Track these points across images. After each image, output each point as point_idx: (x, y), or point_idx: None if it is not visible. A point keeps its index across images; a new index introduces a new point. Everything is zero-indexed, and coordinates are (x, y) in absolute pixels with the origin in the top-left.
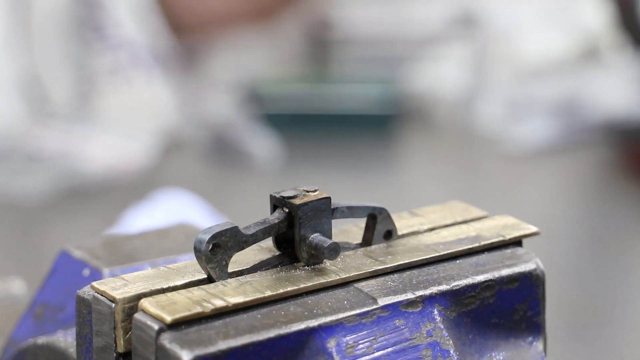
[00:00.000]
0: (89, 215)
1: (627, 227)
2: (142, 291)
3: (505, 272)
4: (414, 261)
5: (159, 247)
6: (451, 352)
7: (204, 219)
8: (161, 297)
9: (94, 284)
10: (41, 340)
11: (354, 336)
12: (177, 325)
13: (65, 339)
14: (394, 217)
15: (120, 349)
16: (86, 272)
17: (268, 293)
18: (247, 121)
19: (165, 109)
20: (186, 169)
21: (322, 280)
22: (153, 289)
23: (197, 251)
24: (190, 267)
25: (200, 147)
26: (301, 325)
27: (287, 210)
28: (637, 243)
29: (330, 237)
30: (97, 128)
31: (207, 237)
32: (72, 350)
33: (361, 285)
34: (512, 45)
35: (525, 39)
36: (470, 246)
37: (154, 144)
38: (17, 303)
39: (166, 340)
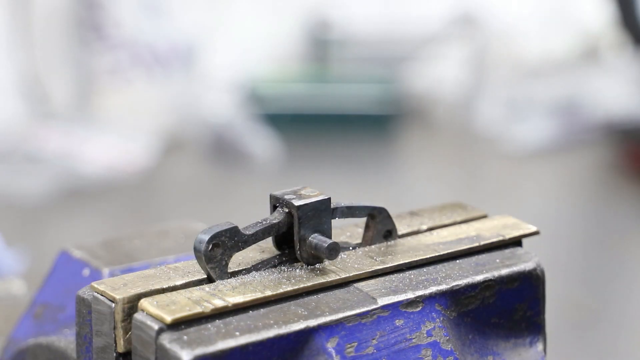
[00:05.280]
0: (89, 216)
1: (627, 227)
2: (142, 291)
3: (505, 272)
4: (414, 261)
5: (159, 247)
6: (451, 352)
7: None
8: (161, 297)
9: (94, 283)
10: (41, 340)
11: (354, 336)
12: (177, 325)
13: (65, 339)
14: (393, 217)
15: (120, 348)
16: (86, 272)
17: (268, 293)
18: (247, 121)
19: (165, 109)
20: (186, 169)
21: (322, 280)
22: (153, 289)
23: (197, 251)
24: (190, 267)
25: (200, 147)
26: (301, 325)
27: (287, 210)
28: (637, 243)
29: (330, 237)
30: (97, 128)
31: (207, 237)
32: (72, 350)
33: (361, 285)
34: (512, 45)
35: (525, 39)
36: (470, 246)
37: (154, 144)
38: (17, 303)
39: (166, 340)
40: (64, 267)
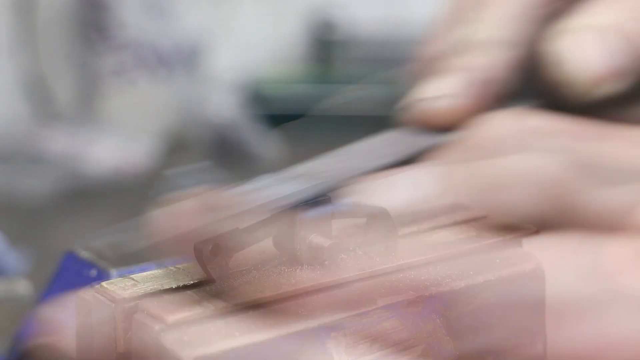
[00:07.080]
0: (93, 217)
1: None
2: (142, 291)
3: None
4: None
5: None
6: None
7: None
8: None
9: (94, 284)
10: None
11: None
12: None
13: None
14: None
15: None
16: (93, 272)
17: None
18: (251, 122)
19: (169, 110)
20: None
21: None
22: (153, 289)
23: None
24: (190, 267)
25: (204, 148)
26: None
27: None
28: None
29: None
30: (101, 130)
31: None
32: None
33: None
34: None
35: None
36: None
37: (158, 146)
38: (22, 303)
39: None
40: (70, 268)
